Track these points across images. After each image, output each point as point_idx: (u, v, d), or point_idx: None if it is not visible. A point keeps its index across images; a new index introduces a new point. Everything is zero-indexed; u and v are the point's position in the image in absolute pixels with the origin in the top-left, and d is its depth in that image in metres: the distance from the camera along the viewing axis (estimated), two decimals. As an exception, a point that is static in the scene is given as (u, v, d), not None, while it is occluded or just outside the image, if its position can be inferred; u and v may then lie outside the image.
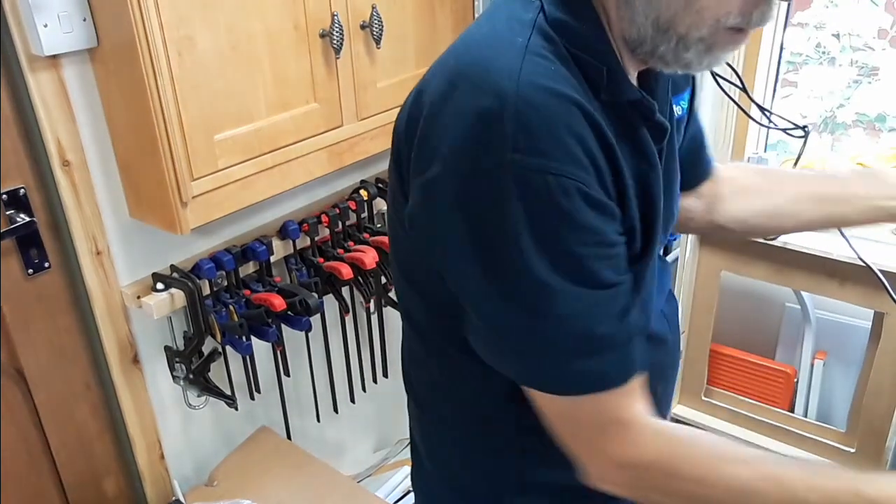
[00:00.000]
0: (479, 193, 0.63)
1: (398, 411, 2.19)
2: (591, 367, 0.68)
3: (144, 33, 1.09)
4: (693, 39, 0.65)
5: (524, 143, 0.61)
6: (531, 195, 0.62)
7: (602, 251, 0.66)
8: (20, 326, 1.28)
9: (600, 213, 0.65)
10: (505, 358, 0.72)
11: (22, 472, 1.36)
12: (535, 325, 0.67)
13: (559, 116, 0.63)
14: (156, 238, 1.38)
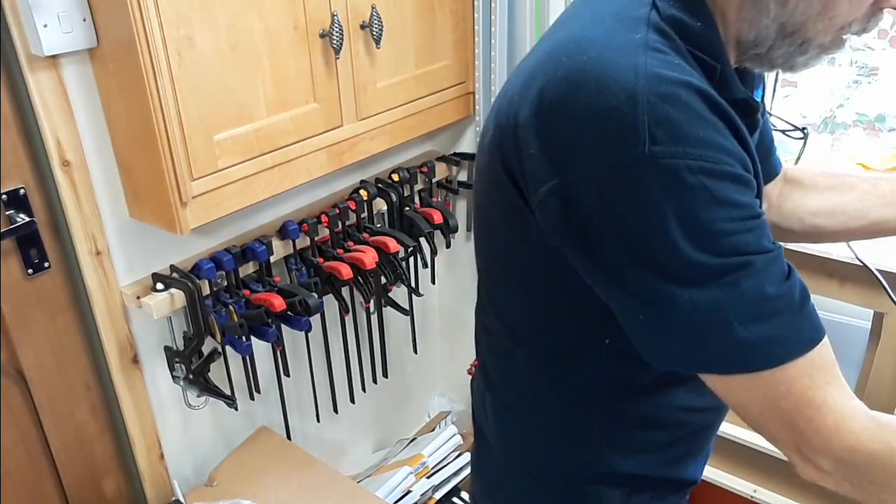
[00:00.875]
0: (623, 191, 0.63)
1: (398, 411, 2.19)
2: (767, 332, 0.64)
3: (144, 33, 1.09)
4: (815, 44, 0.68)
5: (661, 135, 0.61)
6: (676, 185, 0.61)
7: (752, 224, 0.65)
8: (20, 326, 1.28)
9: (744, 187, 0.64)
10: (674, 348, 0.68)
11: (22, 472, 1.36)
12: (701, 304, 0.64)
13: (689, 104, 0.62)
14: (156, 238, 1.38)
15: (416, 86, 1.61)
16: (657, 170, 0.61)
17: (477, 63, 1.74)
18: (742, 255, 0.64)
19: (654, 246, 0.64)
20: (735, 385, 0.67)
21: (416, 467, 1.86)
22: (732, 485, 1.78)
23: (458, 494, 1.92)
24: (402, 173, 1.74)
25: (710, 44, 0.68)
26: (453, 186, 1.91)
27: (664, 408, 0.82)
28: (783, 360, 0.64)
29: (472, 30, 1.72)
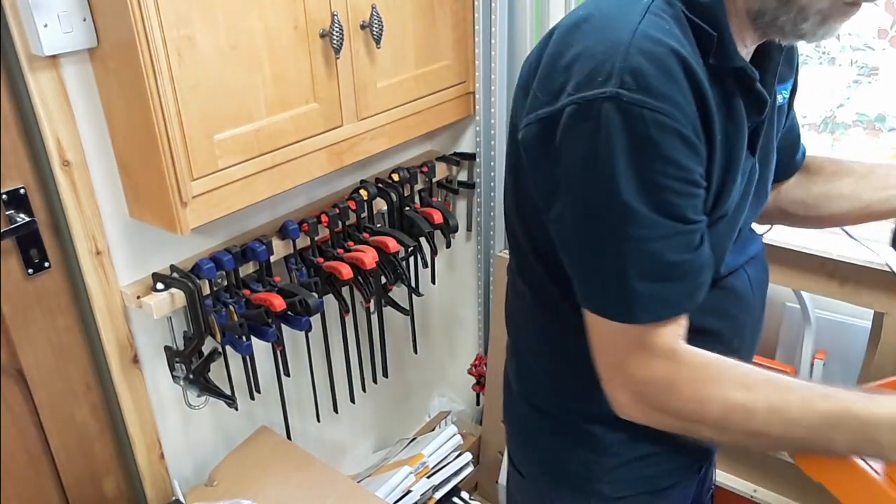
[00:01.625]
0: (588, 122, 0.72)
1: (398, 411, 2.19)
2: (655, 292, 0.75)
3: (144, 33, 1.09)
4: (812, 11, 0.73)
5: (629, 81, 0.70)
6: (630, 126, 0.70)
7: (686, 188, 0.73)
8: (20, 326, 1.28)
9: (690, 151, 0.72)
10: (577, 279, 0.79)
11: (22, 472, 1.36)
12: (610, 245, 0.74)
13: (663, 63, 0.71)
14: (156, 238, 1.38)
15: (416, 86, 1.61)
16: (618, 109, 0.70)
17: (477, 63, 1.74)
18: (667, 216, 0.73)
19: (595, 175, 0.73)
20: (603, 325, 0.78)
21: (416, 467, 1.86)
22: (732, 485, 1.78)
23: (458, 494, 1.92)
24: (402, 173, 1.74)
25: (711, 14, 0.75)
26: (453, 186, 1.91)
27: None
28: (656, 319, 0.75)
29: (472, 30, 1.72)
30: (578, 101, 0.72)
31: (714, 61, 0.76)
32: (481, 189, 1.90)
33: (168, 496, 1.57)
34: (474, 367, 2.12)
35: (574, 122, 0.73)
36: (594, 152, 0.72)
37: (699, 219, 0.75)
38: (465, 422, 2.24)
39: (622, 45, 0.71)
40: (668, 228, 0.73)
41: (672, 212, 0.73)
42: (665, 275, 0.75)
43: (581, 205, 0.75)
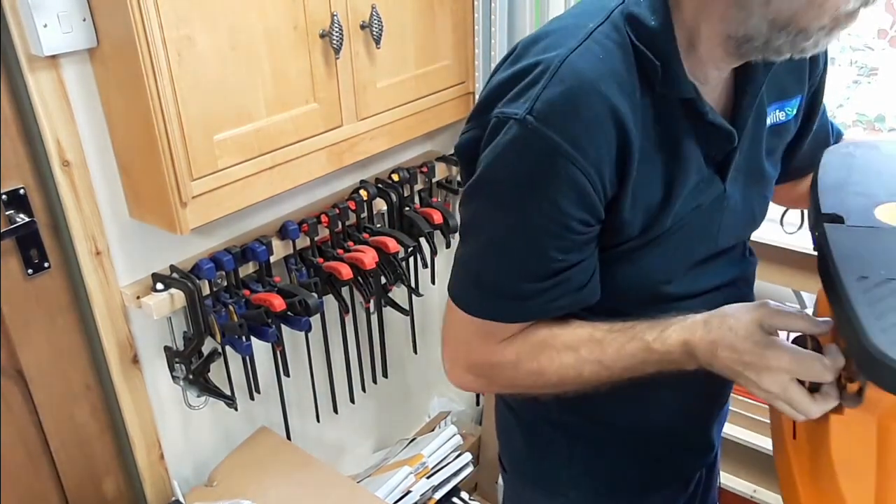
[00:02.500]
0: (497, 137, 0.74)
1: (398, 411, 2.19)
2: (495, 305, 0.80)
3: (144, 33, 1.09)
4: (814, 29, 0.69)
5: (539, 109, 0.70)
6: (525, 153, 0.72)
7: (557, 230, 0.74)
8: (20, 326, 1.28)
9: (577, 200, 0.73)
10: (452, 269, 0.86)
11: (22, 472, 1.36)
12: (475, 247, 0.80)
13: (577, 99, 0.70)
14: (155, 238, 1.38)
15: (416, 86, 1.61)
16: (521, 133, 0.71)
17: (477, 63, 1.74)
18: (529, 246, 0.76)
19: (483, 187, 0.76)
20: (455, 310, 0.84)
21: (416, 467, 1.86)
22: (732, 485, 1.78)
23: (457, 494, 1.92)
24: (402, 173, 1.74)
25: (659, 43, 0.73)
26: (453, 186, 1.91)
27: None
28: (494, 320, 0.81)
29: (472, 30, 1.72)
30: (498, 116, 0.74)
31: (660, 90, 0.74)
32: (481, 189, 1.90)
33: (168, 496, 1.57)
34: (474, 367, 2.12)
35: (490, 135, 0.75)
36: (490, 164, 0.74)
37: (563, 257, 0.76)
38: (465, 422, 2.24)
39: (548, 70, 0.71)
40: (524, 258, 0.76)
41: (535, 245, 0.75)
42: (510, 292, 0.79)
43: (471, 210, 0.79)
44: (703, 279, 0.90)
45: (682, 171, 0.79)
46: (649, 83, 0.74)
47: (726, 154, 0.82)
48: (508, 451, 1.09)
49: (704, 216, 0.84)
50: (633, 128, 0.72)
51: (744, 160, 0.85)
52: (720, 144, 0.80)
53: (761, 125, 0.86)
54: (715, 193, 0.83)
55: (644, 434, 0.97)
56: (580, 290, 0.80)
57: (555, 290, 0.78)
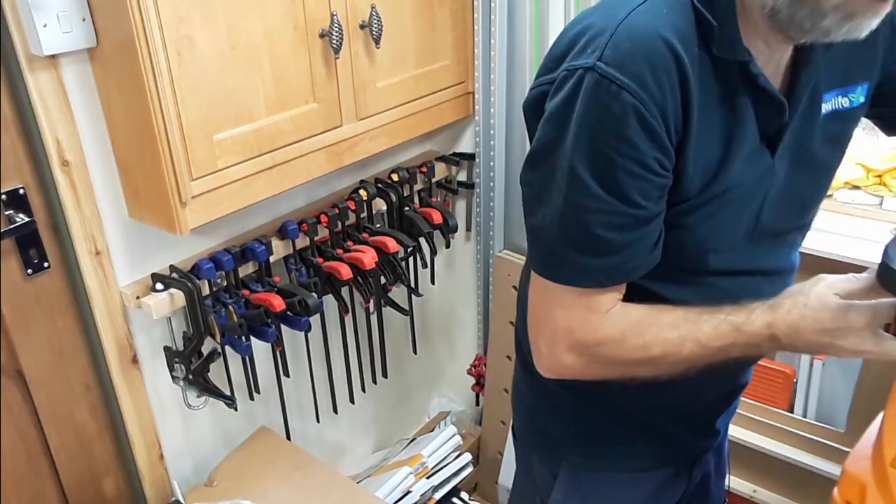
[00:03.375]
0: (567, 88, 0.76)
1: (398, 411, 2.19)
2: (588, 265, 0.80)
3: (144, 33, 1.09)
4: (829, 7, 0.70)
5: (609, 55, 0.74)
6: (597, 97, 0.74)
7: (637, 169, 0.75)
8: (20, 326, 1.28)
9: (648, 136, 0.74)
10: (529, 241, 0.85)
11: (21, 473, 1.36)
12: (555, 212, 0.79)
13: (645, 45, 0.74)
14: (155, 238, 1.38)
15: (416, 86, 1.61)
16: (592, 79, 0.74)
17: (477, 63, 1.74)
18: (610, 192, 0.76)
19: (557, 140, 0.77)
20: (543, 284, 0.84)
21: (416, 467, 1.86)
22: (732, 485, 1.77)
23: (457, 494, 1.92)
24: (402, 173, 1.74)
25: (718, 5, 0.76)
26: (453, 186, 1.91)
27: None
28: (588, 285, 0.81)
29: (471, 30, 1.72)
30: (568, 69, 0.77)
31: (717, 52, 0.77)
32: (481, 189, 1.90)
33: (168, 496, 1.57)
34: (474, 367, 2.12)
35: (560, 87, 0.78)
36: (563, 116, 0.76)
37: (644, 203, 0.78)
38: (465, 422, 2.24)
39: (615, 22, 0.75)
40: (607, 204, 0.77)
41: (616, 188, 0.76)
42: (592, 248, 0.79)
43: (541, 165, 0.80)
44: (746, 259, 0.91)
45: (739, 133, 0.81)
46: (707, 43, 0.77)
47: (777, 129, 0.83)
48: (519, 413, 1.12)
49: (753, 187, 0.85)
50: (694, 79, 0.75)
51: (794, 140, 0.86)
52: (771, 116, 0.82)
53: (816, 111, 0.87)
54: (764, 167, 0.85)
55: (651, 410, 0.98)
56: (653, 249, 0.82)
57: (635, 246, 0.80)
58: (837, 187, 1.69)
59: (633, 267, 0.82)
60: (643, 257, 0.81)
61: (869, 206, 1.65)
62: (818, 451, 1.86)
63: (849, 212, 1.67)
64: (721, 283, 0.91)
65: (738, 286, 0.92)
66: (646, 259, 0.82)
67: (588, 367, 0.86)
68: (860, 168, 1.67)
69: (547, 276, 0.83)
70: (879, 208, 1.64)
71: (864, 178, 1.68)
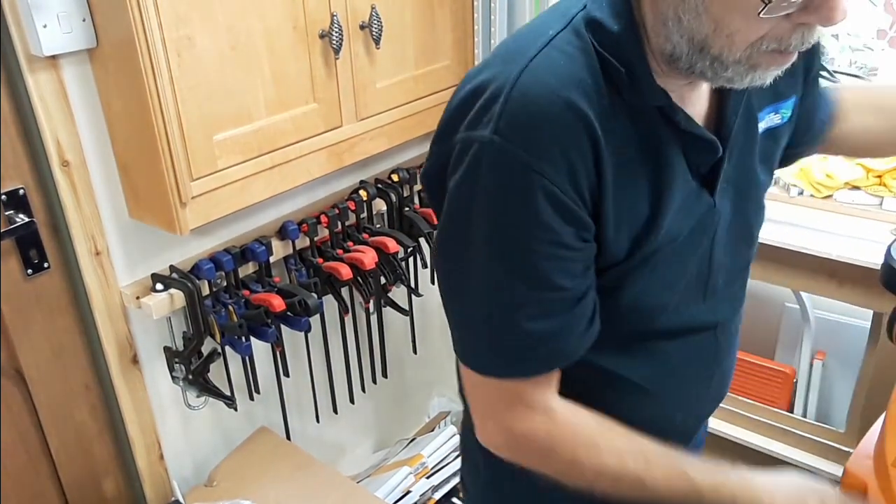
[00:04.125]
0: (464, 164, 0.68)
1: (398, 411, 2.19)
2: (516, 357, 0.73)
3: (143, 33, 1.09)
4: (729, 61, 0.65)
5: (504, 127, 0.65)
6: (497, 176, 0.66)
7: (553, 250, 0.68)
8: (20, 326, 1.28)
9: (563, 217, 0.67)
10: (452, 329, 0.77)
11: (21, 472, 1.36)
12: (473, 306, 0.72)
13: (546, 115, 0.66)
14: (155, 238, 1.38)
15: (416, 86, 1.61)
16: (490, 156, 0.66)
17: (477, 63, 1.74)
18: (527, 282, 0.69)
19: (459, 231, 0.70)
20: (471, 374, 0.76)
21: (416, 467, 1.86)
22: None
23: (457, 495, 1.92)
24: (402, 173, 1.74)
25: (623, 48, 0.68)
26: (453, 186, 1.91)
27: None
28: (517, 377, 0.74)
29: (472, 30, 1.72)
30: (463, 140, 0.68)
31: (628, 98, 0.69)
32: (481, 189, 1.90)
33: (168, 496, 1.57)
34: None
35: (459, 160, 0.69)
36: (466, 198, 0.68)
37: (570, 284, 0.70)
38: (465, 422, 2.24)
39: (508, 84, 0.66)
40: (530, 295, 0.70)
41: (536, 276, 0.69)
42: (524, 340, 0.71)
43: (451, 255, 0.72)
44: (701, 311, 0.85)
45: (667, 185, 0.73)
46: (618, 91, 0.69)
47: (712, 167, 0.76)
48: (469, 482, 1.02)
49: (695, 234, 0.78)
50: (605, 138, 0.67)
51: (734, 171, 0.80)
52: (703, 155, 0.75)
53: (752, 132, 0.82)
54: (704, 208, 0.78)
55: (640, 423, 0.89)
56: (589, 325, 0.74)
57: (567, 329, 0.72)
58: (837, 187, 1.69)
59: (570, 350, 0.74)
60: (579, 337, 0.74)
61: (869, 207, 1.65)
62: (818, 451, 1.86)
63: (849, 212, 1.67)
64: (673, 348, 0.84)
65: (693, 347, 0.86)
66: (582, 338, 0.74)
67: (518, 457, 0.79)
68: (860, 168, 1.68)
69: (474, 368, 0.75)
70: (879, 208, 1.64)
71: (864, 179, 1.68)
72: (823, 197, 1.71)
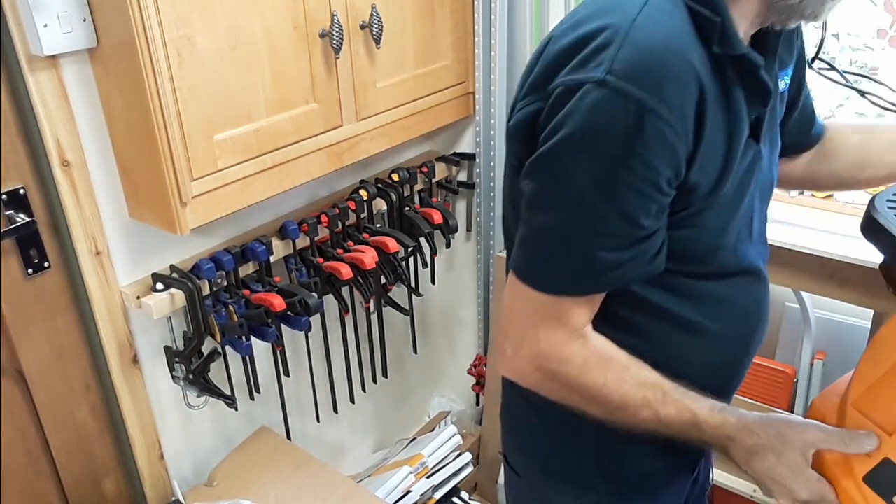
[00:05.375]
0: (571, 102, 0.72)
1: (398, 411, 2.19)
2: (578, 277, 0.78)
3: (144, 33, 1.09)
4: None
5: (619, 69, 0.70)
6: (611, 113, 0.70)
7: (647, 190, 0.73)
8: (20, 326, 1.28)
9: (667, 157, 0.72)
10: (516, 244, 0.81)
11: (22, 472, 1.36)
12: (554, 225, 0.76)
13: (662, 59, 0.71)
14: (155, 238, 1.38)
15: (416, 86, 1.61)
16: (603, 94, 0.70)
17: (477, 63, 1.74)
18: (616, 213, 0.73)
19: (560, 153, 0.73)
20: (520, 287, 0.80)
21: (416, 467, 1.86)
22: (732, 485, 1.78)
23: (458, 494, 1.92)
24: (402, 173, 1.74)
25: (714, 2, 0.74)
26: (453, 186, 1.91)
27: None
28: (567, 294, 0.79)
29: (472, 30, 1.72)
30: (567, 83, 0.73)
31: (718, 49, 0.74)
32: (481, 189, 1.90)
33: (168, 496, 1.57)
34: (474, 367, 2.12)
35: (559, 102, 0.73)
36: (571, 130, 0.72)
37: (648, 223, 0.75)
38: (465, 422, 2.24)
39: (621, 32, 0.71)
40: (612, 227, 0.74)
41: (624, 211, 0.74)
42: (592, 264, 0.76)
43: (546, 177, 0.76)
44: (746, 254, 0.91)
45: (738, 133, 0.79)
46: (706, 42, 0.74)
47: (759, 115, 0.82)
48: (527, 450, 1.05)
49: (746, 177, 0.84)
50: (707, 87, 0.73)
51: (770, 122, 0.86)
52: (760, 104, 0.81)
53: (777, 90, 0.88)
54: (752, 154, 0.84)
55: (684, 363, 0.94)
56: (653, 260, 0.79)
57: (632, 262, 0.77)
58: (837, 187, 1.69)
59: (629, 279, 0.79)
60: (641, 269, 0.79)
61: (869, 206, 1.65)
62: (818, 451, 1.86)
63: (848, 211, 1.67)
64: (726, 290, 0.89)
65: (743, 290, 0.91)
66: (644, 270, 0.80)
67: (544, 383, 0.84)
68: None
69: (528, 282, 0.80)
70: (879, 208, 1.64)
71: (864, 178, 1.67)
72: (824, 197, 1.71)
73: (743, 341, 0.96)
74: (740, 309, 0.93)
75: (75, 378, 1.39)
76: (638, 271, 0.79)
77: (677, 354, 0.88)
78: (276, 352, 1.64)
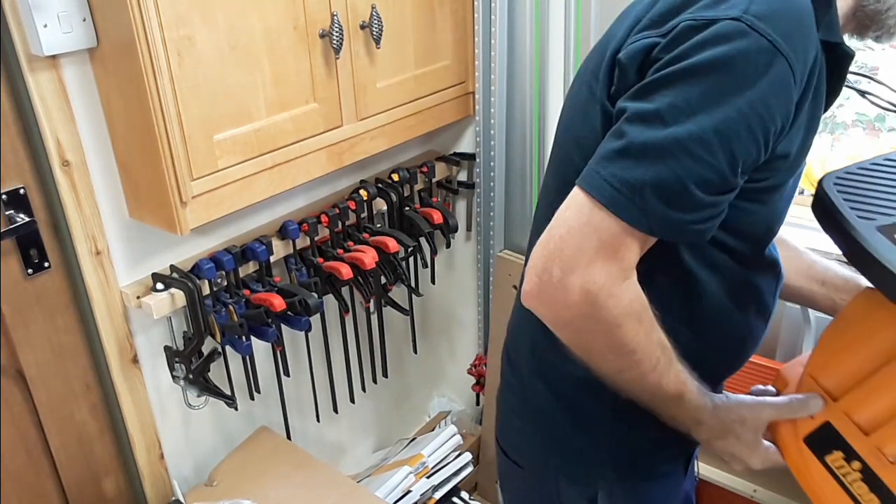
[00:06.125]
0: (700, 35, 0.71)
1: (398, 411, 2.19)
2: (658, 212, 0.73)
3: (144, 33, 1.09)
4: None
5: (756, 10, 0.70)
6: (743, 52, 0.69)
7: (759, 139, 0.72)
8: (20, 326, 1.28)
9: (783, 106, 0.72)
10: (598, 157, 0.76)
11: (22, 472, 1.36)
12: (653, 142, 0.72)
13: (796, 15, 0.71)
14: (155, 238, 1.38)
15: (416, 86, 1.61)
16: (737, 30, 0.69)
17: (477, 63, 1.74)
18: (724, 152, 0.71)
19: (684, 77, 0.71)
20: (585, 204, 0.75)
21: (416, 467, 1.86)
22: (732, 485, 1.77)
23: (458, 494, 1.92)
24: (402, 173, 1.75)
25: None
26: (453, 186, 1.91)
27: None
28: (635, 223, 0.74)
29: (472, 30, 1.72)
30: (696, 19, 0.72)
31: (822, 35, 0.75)
32: (481, 189, 1.90)
33: (168, 496, 1.57)
34: (474, 367, 2.12)
35: (681, 36, 0.72)
36: (696, 61, 0.71)
37: (740, 175, 0.74)
38: (465, 422, 2.24)
39: None
40: (714, 163, 0.71)
41: (731, 150, 0.71)
42: (673, 197, 0.72)
43: (659, 99, 0.73)
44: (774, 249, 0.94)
45: (817, 115, 0.81)
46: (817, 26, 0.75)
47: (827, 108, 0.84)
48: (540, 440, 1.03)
49: (802, 168, 0.86)
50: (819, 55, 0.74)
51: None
52: (833, 97, 0.83)
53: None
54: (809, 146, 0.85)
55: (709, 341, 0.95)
56: (716, 219, 0.77)
57: (712, 210, 0.75)
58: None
59: (694, 233, 0.75)
60: (708, 223, 0.76)
61: (869, 206, 1.64)
62: (818, 450, 1.86)
63: (849, 212, 1.66)
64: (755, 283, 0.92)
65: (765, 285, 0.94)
66: (708, 227, 0.76)
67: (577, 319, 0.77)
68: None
69: (604, 201, 0.74)
70: (879, 208, 1.64)
71: (864, 178, 1.67)
72: (824, 197, 1.71)
73: (755, 335, 0.97)
74: (763, 303, 0.95)
75: (75, 378, 1.39)
76: (709, 224, 0.76)
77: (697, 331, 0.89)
78: (276, 352, 1.64)
